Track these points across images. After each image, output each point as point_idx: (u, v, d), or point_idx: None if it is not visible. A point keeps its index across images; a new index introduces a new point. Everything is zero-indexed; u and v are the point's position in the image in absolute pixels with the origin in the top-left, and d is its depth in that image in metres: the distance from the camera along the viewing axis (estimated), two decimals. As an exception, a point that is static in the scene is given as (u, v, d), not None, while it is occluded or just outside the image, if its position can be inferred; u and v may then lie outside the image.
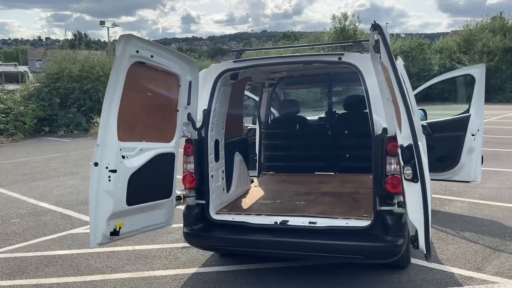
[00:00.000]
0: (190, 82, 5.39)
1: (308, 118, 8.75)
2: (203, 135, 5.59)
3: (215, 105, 5.67)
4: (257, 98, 10.31)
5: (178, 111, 5.35)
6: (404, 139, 3.80)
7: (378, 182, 4.93)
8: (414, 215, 3.78)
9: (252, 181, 7.60)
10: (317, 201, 6.09)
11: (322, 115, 8.64)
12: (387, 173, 4.86)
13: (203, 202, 5.60)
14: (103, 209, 4.39)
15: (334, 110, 8.37)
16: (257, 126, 8.70)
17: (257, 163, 8.71)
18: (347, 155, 8.13)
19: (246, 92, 8.49)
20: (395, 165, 4.83)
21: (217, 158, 5.89)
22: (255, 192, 6.90)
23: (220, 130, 6.02)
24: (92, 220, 4.40)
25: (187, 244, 6.11)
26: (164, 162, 5.10)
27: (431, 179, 8.04)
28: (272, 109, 8.69)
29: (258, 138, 8.62)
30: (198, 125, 5.57)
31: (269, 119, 8.57)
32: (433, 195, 9.01)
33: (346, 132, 8.06)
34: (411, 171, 3.73)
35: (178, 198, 5.49)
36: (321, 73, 8.00)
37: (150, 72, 4.79)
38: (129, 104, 4.55)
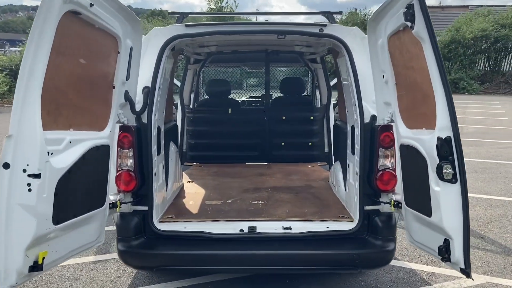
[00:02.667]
0: (131, 49, 3.98)
1: (240, 101, 7.79)
2: (145, 121, 4.24)
3: (160, 81, 4.33)
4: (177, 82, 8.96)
5: (114, 87, 3.92)
6: (441, 130, 3.14)
7: (366, 177, 4.25)
8: (450, 222, 3.17)
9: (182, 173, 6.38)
10: (275, 199, 5.22)
11: (257, 98, 7.75)
12: (379, 168, 4.21)
13: (145, 208, 4.27)
14: (20, 234, 2.86)
15: (271, 93, 7.54)
16: (179, 110, 7.41)
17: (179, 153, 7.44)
18: (283, 143, 7.41)
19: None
20: (389, 159, 4.20)
21: (159, 151, 4.58)
22: (192, 190, 5.73)
23: (161, 114, 4.69)
24: (2, 252, 2.83)
25: (102, 257, 4.69)
26: (97, 159, 3.66)
27: None
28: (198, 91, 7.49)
29: (181, 124, 7.36)
30: (139, 107, 4.19)
31: (195, 102, 7.36)
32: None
33: (284, 118, 7.32)
34: (451, 170, 3.08)
35: (113, 205, 4.08)
36: (257, 50, 7.07)
37: (86, 29, 3.30)
38: (56, 75, 3.03)
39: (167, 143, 5.25)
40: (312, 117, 7.30)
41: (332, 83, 7.06)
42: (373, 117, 4.24)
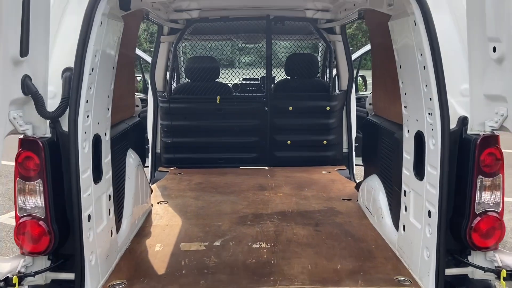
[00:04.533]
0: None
1: (232, 86, 5.95)
2: (66, 129, 2.42)
3: (93, 59, 2.48)
4: (143, 54, 7.01)
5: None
6: None
7: (452, 224, 2.52)
8: None
9: (150, 190, 4.59)
10: (288, 239, 3.45)
11: (255, 82, 5.91)
12: (476, 209, 2.44)
13: (71, 276, 2.51)
14: None
15: (273, 75, 5.68)
16: (149, 99, 5.56)
17: (150, 155, 5.63)
18: (289, 142, 5.61)
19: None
20: (493, 193, 2.44)
21: (97, 175, 2.75)
22: (163, 219, 3.93)
23: (102, 113, 2.85)
24: None
25: None
26: None
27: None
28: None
29: (152, 117, 5.52)
30: (54, 105, 2.37)
31: (171, 87, 5.50)
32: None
33: (291, 108, 5.49)
34: None
35: (6, 284, 2.29)
36: (255, 17, 5.20)
37: None
38: None
39: (120, 155, 3.43)
40: (328, 107, 5.49)
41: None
42: (463, 121, 2.47)
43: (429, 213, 2.63)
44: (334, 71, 5.74)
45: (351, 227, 3.69)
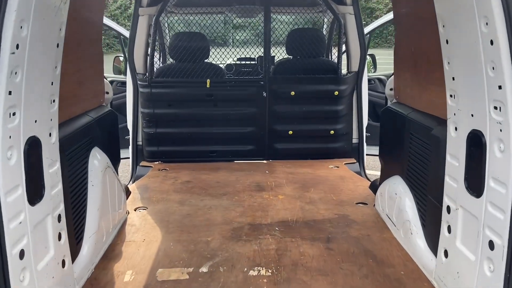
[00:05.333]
0: None
1: (225, 67, 5.16)
2: None
3: (16, 31, 1.70)
4: (125, 31, 6.18)
5: None
6: None
7: None
8: None
9: (127, 192, 3.88)
10: (293, 262, 2.74)
11: (252, 62, 5.12)
12: None
13: None
14: None
15: (272, 54, 4.88)
16: (128, 82, 4.79)
17: (131, 148, 4.90)
18: (290, 132, 4.87)
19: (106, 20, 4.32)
20: None
21: (36, 193, 2.00)
22: (140, 233, 3.21)
23: (42, 108, 2.07)
24: None
25: None
26: None
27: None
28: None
29: (132, 104, 4.77)
30: None
31: (152, 69, 4.71)
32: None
33: (293, 93, 4.73)
34: None
35: None
36: None
37: None
38: None
39: (78, 159, 2.69)
40: (336, 92, 4.73)
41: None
42: None
43: (491, 244, 1.92)
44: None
45: (371, 243, 2.98)
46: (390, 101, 3.70)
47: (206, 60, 4.82)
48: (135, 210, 3.60)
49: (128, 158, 4.99)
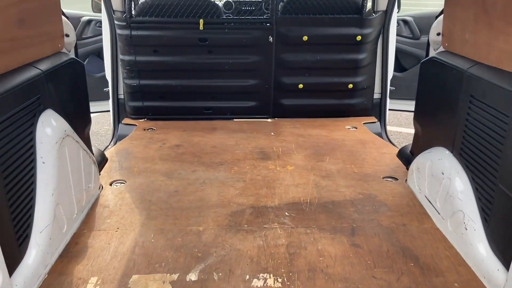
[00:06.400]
0: None
1: (223, 3, 4.27)
2: None
3: None
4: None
5: None
6: None
7: None
8: None
9: (104, 160, 3.19)
10: (309, 263, 2.08)
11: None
12: None
13: None
14: None
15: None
16: (103, 22, 3.94)
17: (111, 102, 4.16)
18: (301, 86, 4.09)
19: None
20: None
21: None
22: (113, 213, 2.55)
23: None
24: None
25: None
26: None
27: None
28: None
29: (110, 50, 3.96)
30: None
31: (132, 6, 3.84)
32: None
33: (305, 38, 3.89)
34: None
35: None
36: None
37: None
38: None
39: (16, 130, 1.95)
40: (359, 37, 3.89)
41: None
42: None
43: None
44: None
45: (409, 237, 2.31)
46: (434, 50, 2.89)
47: None
48: (110, 184, 2.91)
49: (108, 111, 4.26)
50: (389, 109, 4.47)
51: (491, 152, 2.01)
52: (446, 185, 2.35)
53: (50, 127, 2.20)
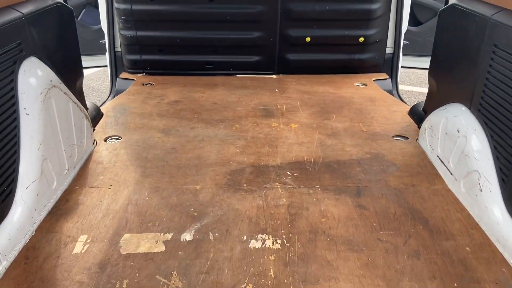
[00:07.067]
0: None
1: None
2: None
3: None
4: None
5: None
6: None
7: None
8: None
9: (99, 114, 3.06)
10: (310, 225, 1.96)
11: None
12: None
13: None
14: None
15: None
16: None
17: (107, 56, 3.97)
18: (308, 39, 3.86)
19: None
20: None
21: None
22: (107, 170, 2.43)
23: None
24: None
25: None
26: None
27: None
28: None
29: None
30: None
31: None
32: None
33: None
34: None
35: None
36: None
37: None
38: None
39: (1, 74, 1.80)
40: None
41: None
42: None
43: None
44: None
45: (418, 199, 2.17)
46: (455, -3, 2.63)
47: None
48: (105, 140, 2.78)
49: (105, 66, 4.07)
50: (401, 66, 4.24)
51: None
52: (461, 144, 2.19)
53: (33, 76, 2.04)
